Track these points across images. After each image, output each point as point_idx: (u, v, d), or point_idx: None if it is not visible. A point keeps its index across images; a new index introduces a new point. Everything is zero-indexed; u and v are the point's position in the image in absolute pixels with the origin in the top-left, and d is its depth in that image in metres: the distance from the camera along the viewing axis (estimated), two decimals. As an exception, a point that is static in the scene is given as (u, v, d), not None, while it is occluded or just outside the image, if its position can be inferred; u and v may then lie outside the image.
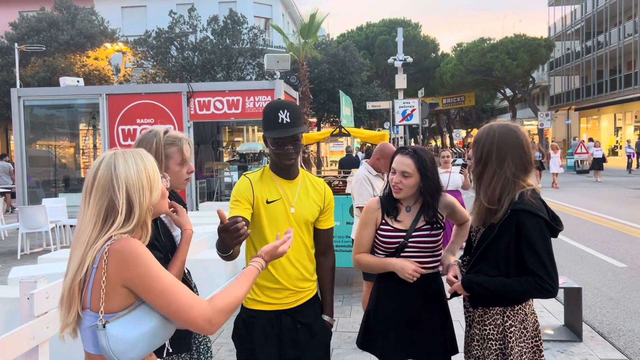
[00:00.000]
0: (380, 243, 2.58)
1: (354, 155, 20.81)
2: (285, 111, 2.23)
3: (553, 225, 2.20)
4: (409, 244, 2.52)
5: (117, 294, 1.49)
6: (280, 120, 2.23)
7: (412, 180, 2.49)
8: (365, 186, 4.58)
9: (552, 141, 29.61)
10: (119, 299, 1.50)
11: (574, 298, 4.86)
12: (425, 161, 2.50)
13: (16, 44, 22.80)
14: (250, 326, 2.37)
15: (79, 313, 1.54)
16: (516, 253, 2.20)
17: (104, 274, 1.47)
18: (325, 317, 2.50)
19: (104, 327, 1.50)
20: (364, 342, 2.67)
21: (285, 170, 2.37)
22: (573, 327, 4.85)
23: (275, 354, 2.34)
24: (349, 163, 16.08)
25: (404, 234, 2.52)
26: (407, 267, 2.46)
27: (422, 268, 2.51)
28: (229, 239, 1.86)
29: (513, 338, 2.23)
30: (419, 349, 2.54)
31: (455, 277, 2.38)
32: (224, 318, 1.54)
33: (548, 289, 2.14)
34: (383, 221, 2.58)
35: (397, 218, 2.56)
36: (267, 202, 2.33)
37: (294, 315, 2.37)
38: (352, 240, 5.02)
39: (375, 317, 2.62)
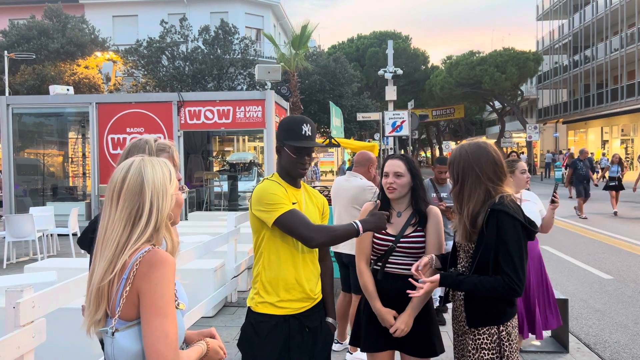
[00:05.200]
0: (373, 245, 2.79)
1: None
2: (308, 125, 2.49)
3: (529, 227, 2.33)
4: (397, 248, 2.71)
5: (135, 302, 1.50)
6: (303, 133, 2.45)
7: (404, 179, 2.74)
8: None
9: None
10: (136, 308, 1.51)
11: (560, 309, 4.88)
12: (413, 162, 2.80)
13: (6, 52, 22.70)
14: (259, 330, 2.43)
15: (107, 313, 1.55)
16: (495, 254, 2.31)
17: (129, 284, 1.49)
18: (330, 320, 2.62)
19: (113, 335, 1.51)
20: (353, 337, 2.88)
21: (294, 178, 2.53)
22: (560, 339, 4.88)
23: (282, 358, 2.41)
24: None
25: (393, 238, 2.72)
26: (385, 321, 2.67)
27: (408, 270, 2.68)
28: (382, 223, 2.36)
29: (507, 347, 2.33)
30: (402, 343, 2.71)
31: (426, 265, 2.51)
32: None
33: (515, 289, 2.25)
34: None
35: (389, 223, 2.73)
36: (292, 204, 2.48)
37: (302, 320, 2.46)
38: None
39: (362, 312, 2.82)
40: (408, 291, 2.44)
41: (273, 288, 2.44)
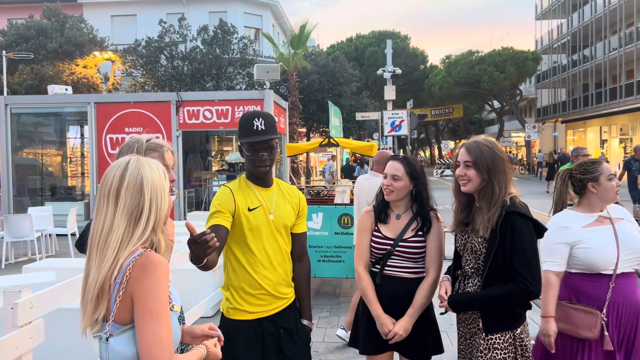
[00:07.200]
0: (371, 249, 2.73)
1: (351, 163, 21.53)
2: (260, 119, 2.34)
3: (540, 225, 2.34)
4: (396, 252, 2.66)
5: (129, 306, 1.49)
6: (255, 127, 2.33)
7: (401, 183, 2.68)
8: None
9: None
10: (130, 312, 1.50)
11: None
12: (414, 165, 2.71)
13: (4, 52, 22.66)
14: (233, 336, 2.38)
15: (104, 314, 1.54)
16: (510, 256, 2.29)
17: (122, 289, 1.48)
18: (305, 322, 2.57)
19: (107, 340, 1.50)
20: (352, 339, 2.87)
21: (260, 178, 2.45)
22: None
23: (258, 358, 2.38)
24: (349, 170, 17.36)
25: (392, 242, 2.66)
26: (384, 327, 2.62)
27: (407, 273, 2.68)
28: (198, 251, 1.87)
29: (522, 349, 2.34)
30: (401, 345, 2.67)
31: (446, 293, 2.49)
32: None
33: (532, 291, 2.24)
34: (376, 228, 2.74)
35: (387, 226, 2.72)
36: (249, 210, 2.39)
37: (276, 321, 2.43)
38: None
39: (360, 315, 2.79)
40: (439, 304, 2.47)
41: (240, 295, 2.40)
